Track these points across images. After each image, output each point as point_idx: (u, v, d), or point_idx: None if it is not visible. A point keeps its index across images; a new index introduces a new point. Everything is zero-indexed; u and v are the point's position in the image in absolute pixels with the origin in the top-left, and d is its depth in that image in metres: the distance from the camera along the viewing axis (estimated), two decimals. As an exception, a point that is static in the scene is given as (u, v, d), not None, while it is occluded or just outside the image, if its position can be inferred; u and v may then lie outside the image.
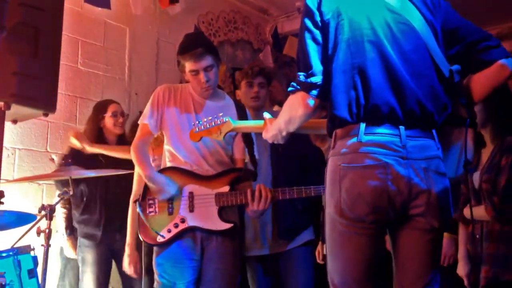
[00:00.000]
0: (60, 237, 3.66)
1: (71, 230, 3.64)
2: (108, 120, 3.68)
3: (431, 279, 1.85)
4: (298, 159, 3.05)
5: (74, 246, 3.60)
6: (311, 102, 1.87)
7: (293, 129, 1.99)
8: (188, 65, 2.68)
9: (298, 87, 1.88)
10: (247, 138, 2.80)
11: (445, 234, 2.78)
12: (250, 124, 2.46)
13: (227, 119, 2.28)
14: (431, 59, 1.88)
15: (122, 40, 4.65)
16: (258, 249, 3.01)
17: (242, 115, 2.82)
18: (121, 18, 4.63)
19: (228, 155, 2.80)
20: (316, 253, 3.29)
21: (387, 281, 1.93)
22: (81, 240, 3.53)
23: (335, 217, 1.85)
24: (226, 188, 2.68)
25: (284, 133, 2.03)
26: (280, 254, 3.02)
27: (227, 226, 2.65)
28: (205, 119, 2.35)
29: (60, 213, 3.63)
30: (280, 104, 3.37)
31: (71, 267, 3.71)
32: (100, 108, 3.73)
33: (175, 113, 2.74)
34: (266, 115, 2.14)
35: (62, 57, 2.75)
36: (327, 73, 1.86)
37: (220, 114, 2.32)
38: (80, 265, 3.52)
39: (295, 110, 1.91)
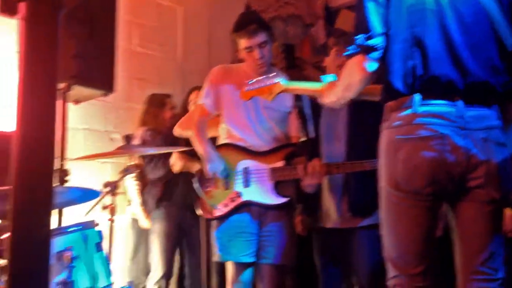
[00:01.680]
0: (133, 209, 3.84)
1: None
2: (167, 114, 3.88)
3: (494, 252, 1.80)
4: (375, 133, 2.95)
5: (149, 216, 3.77)
6: (370, 65, 1.81)
7: (352, 95, 1.93)
8: (243, 42, 2.70)
9: (355, 50, 1.81)
10: (303, 114, 2.80)
11: (508, 209, 2.70)
12: (302, 85, 2.41)
13: (278, 80, 2.28)
14: (493, 32, 1.80)
15: (174, 20, 4.72)
16: (327, 222, 3.00)
17: (297, 94, 2.80)
18: (173, -2, 4.69)
19: (283, 132, 2.82)
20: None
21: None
22: (152, 212, 3.68)
23: (390, 190, 1.83)
24: (281, 163, 2.70)
25: (342, 101, 1.98)
26: (348, 231, 2.97)
27: (282, 200, 2.68)
28: (257, 79, 2.37)
29: (133, 186, 3.82)
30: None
31: (144, 240, 3.87)
32: (159, 103, 3.90)
33: (230, 92, 2.78)
34: (330, 78, 2.08)
35: (118, 39, 2.83)
36: (386, 40, 1.81)
37: (272, 74, 2.32)
38: (150, 235, 3.68)
39: (353, 75, 1.85)
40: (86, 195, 2.43)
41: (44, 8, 0.67)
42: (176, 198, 3.62)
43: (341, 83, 1.92)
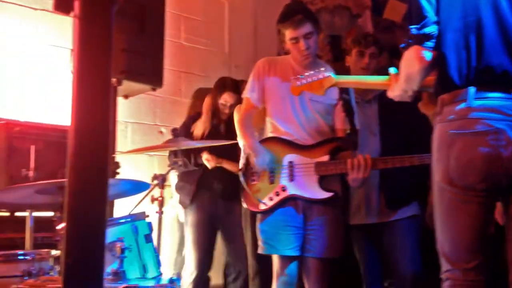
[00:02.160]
0: (174, 204, 3.89)
1: None
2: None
3: None
4: (406, 127, 2.94)
5: None
6: (427, 54, 1.78)
7: (415, 87, 1.90)
8: (288, 33, 2.68)
9: (411, 41, 1.80)
10: (348, 107, 2.77)
11: None
12: (353, 78, 2.41)
13: (329, 74, 2.28)
14: None
15: (221, 13, 4.74)
16: (361, 218, 2.99)
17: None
18: (220, -8, 4.72)
19: (329, 124, 2.79)
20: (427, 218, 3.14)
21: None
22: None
23: (443, 186, 1.81)
24: (325, 157, 2.67)
25: (409, 92, 1.94)
26: (384, 225, 2.97)
27: (327, 195, 2.66)
28: (307, 73, 2.36)
29: (174, 181, 3.85)
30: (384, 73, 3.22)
31: None
32: (204, 97, 3.88)
33: (275, 85, 2.77)
34: (392, 70, 2.05)
35: (166, 33, 2.87)
36: (439, 30, 1.78)
37: (322, 69, 2.31)
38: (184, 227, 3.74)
39: (411, 66, 1.83)
40: (136, 187, 2.49)
41: (98, 5, 0.68)
42: (209, 191, 3.62)
43: (402, 75, 1.90)
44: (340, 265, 2.93)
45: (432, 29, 1.76)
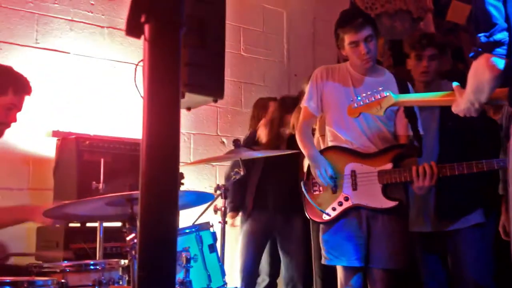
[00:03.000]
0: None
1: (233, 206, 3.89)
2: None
3: None
4: (468, 133, 2.84)
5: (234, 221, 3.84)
6: (498, 62, 1.70)
7: (484, 98, 1.81)
8: (348, 37, 2.65)
9: (480, 49, 1.72)
10: (410, 112, 2.70)
11: None
12: (413, 97, 2.36)
13: (387, 93, 2.24)
14: None
15: (280, 23, 4.77)
16: (420, 226, 2.91)
17: (404, 91, 2.71)
18: (278, 2, 4.75)
19: (391, 131, 2.74)
20: (500, 228, 3.00)
21: None
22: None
23: None
24: (389, 166, 2.62)
25: (476, 105, 1.85)
26: (446, 234, 2.87)
27: (392, 204, 2.60)
28: (364, 94, 2.33)
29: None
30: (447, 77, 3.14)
31: None
32: (263, 106, 3.95)
33: (334, 92, 2.75)
34: (455, 84, 1.98)
35: (226, 45, 2.90)
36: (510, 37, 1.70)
37: (380, 89, 2.28)
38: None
39: (481, 75, 1.75)
40: (201, 198, 2.53)
41: (167, 29, 0.71)
42: (265, 201, 3.64)
43: (470, 86, 1.82)
44: (405, 275, 2.87)
45: (502, 35, 1.69)
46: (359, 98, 2.33)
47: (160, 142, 0.73)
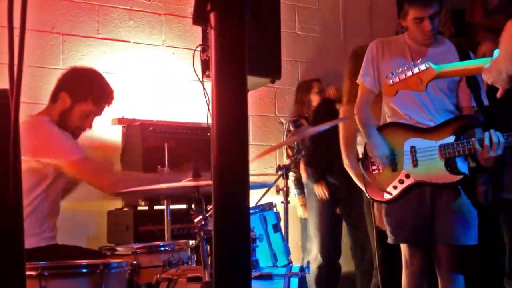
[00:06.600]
0: (292, 198, 3.96)
1: (301, 189, 3.90)
2: (314, 98, 3.97)
3: None
4: None
5: (304, 205, 3.85)
6: None
7: None
8: (413, 12, 2.57)
9: None
10: (473, 82, 2.59)
11: None
12: (458, 66, 2.12)
13: (428, 65, 2.04)
14: None
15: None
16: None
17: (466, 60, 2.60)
18: (332, -23, 4.67)
19: (453, 102, 2.64)
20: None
21: None
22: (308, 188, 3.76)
23: None
24: (451, 138, 2.53)
25: (504, 75, 1.62)
26: None
27: (456, 178, 2.52)
28: (400, 69, 2.16)
29: (290, 176, 3.88)
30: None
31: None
32: (305, 88, 4.00)
33: (391, 65, 2.66)
34: (496, 52, 1.76)
35: (281, 25, 2.89)
36: None
37: (418, 61, 2.10)
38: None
39: None
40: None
41: (232, 16, 0.72)
42: (330, 177, 3.63)
43: (502, 51, 1.61)
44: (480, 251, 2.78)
45: None
46: (394, 74, 2.15)
47: (230, 128, 0.75)
